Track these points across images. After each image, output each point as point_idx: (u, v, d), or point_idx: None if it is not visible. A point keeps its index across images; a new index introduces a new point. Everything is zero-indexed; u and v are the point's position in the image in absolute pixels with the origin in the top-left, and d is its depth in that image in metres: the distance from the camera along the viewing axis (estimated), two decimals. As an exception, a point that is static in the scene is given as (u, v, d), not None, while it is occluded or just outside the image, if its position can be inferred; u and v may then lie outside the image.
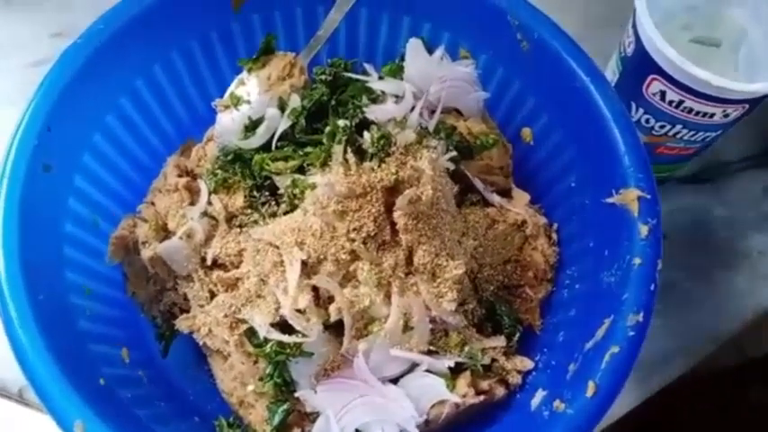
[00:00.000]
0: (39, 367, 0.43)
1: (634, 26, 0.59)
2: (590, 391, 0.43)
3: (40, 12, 0.78)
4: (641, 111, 0.62)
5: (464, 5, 0.58)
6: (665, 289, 0.65)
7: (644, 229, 0.48)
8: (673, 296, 0.66)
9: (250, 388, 0.51)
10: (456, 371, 0.49)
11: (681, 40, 0.64)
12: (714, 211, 0.70)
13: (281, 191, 0.52)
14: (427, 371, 0.49)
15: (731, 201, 0.71)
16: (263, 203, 0.53)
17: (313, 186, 0.49)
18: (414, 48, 0.56)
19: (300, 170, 0.52)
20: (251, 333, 0.49)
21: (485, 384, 0.49)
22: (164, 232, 0.54)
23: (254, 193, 0.53)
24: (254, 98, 0.54)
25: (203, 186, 0.55)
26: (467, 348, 0.49)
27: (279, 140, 0.53)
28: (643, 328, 0.45)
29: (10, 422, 0.61)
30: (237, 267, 0.52)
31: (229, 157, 0.54)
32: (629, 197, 0.49)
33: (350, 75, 0.55)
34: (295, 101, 0.53)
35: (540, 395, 0.48)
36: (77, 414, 0.42)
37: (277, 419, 0.49)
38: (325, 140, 0.51)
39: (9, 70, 0.73)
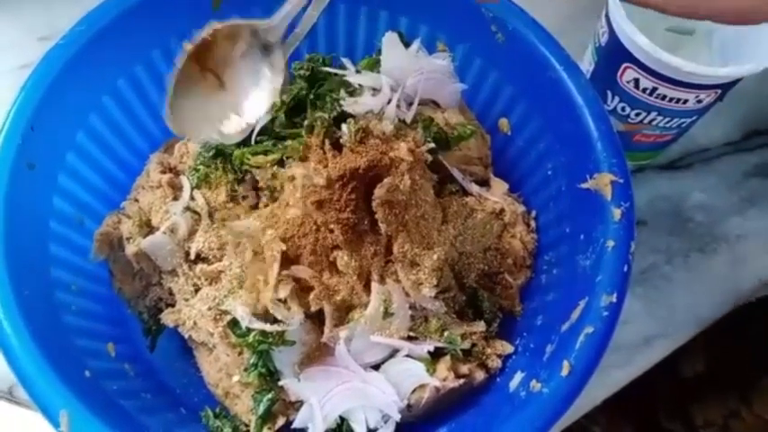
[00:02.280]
0: (24, 358, 0.44)
1: (607, 16, 0.60)
2: (565, 371, 0.44)
3: (27, 15, 0.78)
4: (617, 99, 0.63)
5: (440, -1, 0.59)
6: (645, 274, 0.67)
7: (617, 213, 0.49)
8: (653, 281, 0.67)
9: (235, 378, 0.52)
10: (436, 356, 0.50)
11: (657, 29, 0.65)
12: (693, 196, 0.71)
13: (262, 184, 0.53)
14: (408, 356, 0.49)
15: (710, 186, 0.72)
16: (245, 197, 0.54)
17: (292, 178, 0.50)
18: (390, 41, 0.57)
19: (280, 164, 0.53)
20: (234, 324, 0.50)
21: (465, 368, 0.50)
22: (147, 228, 0.55)
23: (236, 187, 0.54)
24: (233, 94, 0.55)
25: (186, 182, 0.55)
26: (446, 333, 0.50)
27: (259, 135, 0.54)
28: (617, 308, 0.46)
29: (0, 420, 0.61)
30: (220, 260, 0.53)
31: (211, 153, 0.55)
32: (603, 182, 0.50)
33: (327, 69, 0.56)
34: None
35: (518, 377, 0.48)
36: (62, 404, 0.43)
37: (262, 409, 0.50)
38: (304, 133, 0.52)
39: (-4, 73, 0.74)
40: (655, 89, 0.59)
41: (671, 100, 0.59)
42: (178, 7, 0.58)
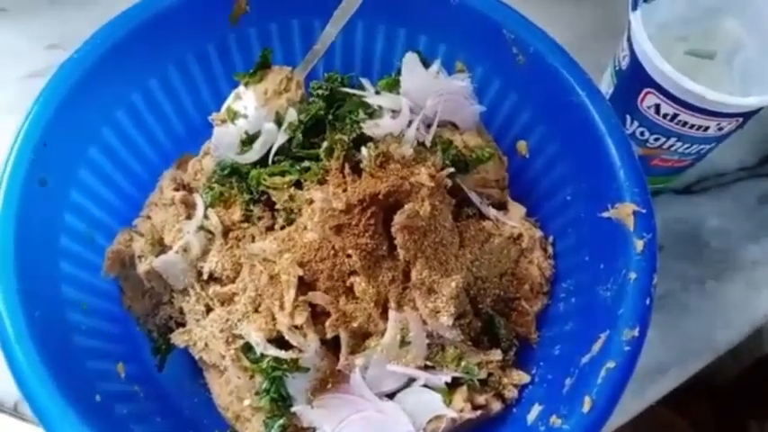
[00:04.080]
0: (35, 385, 0.43)
1: (629, 39, 0.60)
2: (586, 407, 0.44)
3: (35, 23, 0.78)
4: (636, 123, 0.62)
5: (460, 19, 0.58)
6: (661, 300, 0.67)
7: (639, 244, 0.48)
8: (668, 307, 0.66)
9: (246, 403, 0.51)
10: (452, 385, 0.49)
11: (676, 52, 0.64)
12: (709, 221, 0.71)
13: (278, 205, 0.52)
14: (424, 386, 0.49)
15: (726, 211, 0.71)
16: (260, 218, 0.53)
17: (310, 201, 0.49)
18: (410, 62, 0.56)
19: (297, 185, 0.52)
20: (247, 348, 0.49)
21: (481, 399, 0.49)
22: (160, 246, 0.54)
23: (251, 207, 0.53)
24: (250, 112, 0.54)
25: (199, 200, 0.55)
26: (463, 363, 0.49)
27: (276, 155, 0.54)
28: (639, 342, 0.46)
29: (6, 434, 0.60)
30: (233, 282, 0.52)
31: (226, 172, 0.54)
32: (625, 212, 0.50)
33: (346, 89, 0.55)
34: (292, 115, 0.54)
35: (536, 410, 0.48)
36: (73, 431, 0.42)
37: (274, 434, 0.49)
38: (322, 155, 0.51)
39: (4, 81, 0.73)
40: (676, 115, 0.58)
41: (692, 127, 0.58)
42: (193, 22, 0.57)
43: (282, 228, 0.51)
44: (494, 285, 0.55)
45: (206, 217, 0.54)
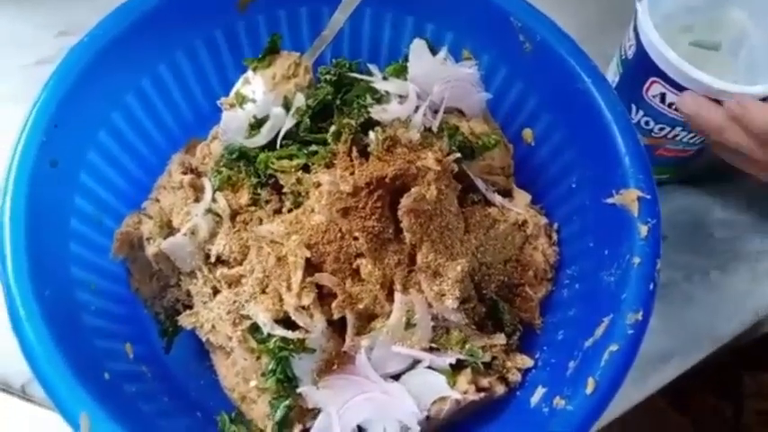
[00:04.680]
0: (45, 361, 0.43)
1: (635, 29, 0.60)
2: (590, 388, 0.44)
3: (44, 11, 0.78)
4: (641, 113, 0.62)
5: (467, 7, 0.59)
6: (664, 290, 0.67)
7: (643, 229, 0.48)
8: (671, 297, 0.67)
9: (252, 384, 0.51)
10: (457, 368, 0.50)
11: (681, 43, 0.64)
12: (713, 212, 0.71)
13: (286, 189, 0.52)
14: (428, 368, 0.49)
15: (730, 202, 0.71)
16: (267, 201, 0.53)
17: (318, 184, 0.50)
18: (417, 48, 0.56)
19: (305, 169, 0.53)
20: (254, 329, 0.50)
21: (485, 382, 0.50)
22: (168, 229, 0.55)
23: (258, 190, 0.54)
24: (259, 97, 0.55)
25: (207, 184, 0.55)
26: (467, 346, 0.50)
27: (283, 139, 0.54)
28: (642, 326, 0.46)
29: (13, 418, 0.61)
30: (241, 264, 0.52)
31: (234, 155, 0.55)
32: (630, 197, 0.50)
33: (354, 75, 0.56)
34: (300, 100, 0.54)
35: (539, 392, 0.48)
36: (82, 407, 0.42)
37: (279, 415, 0.50)
38: (330, 139, 0.52)
39: (13, 68, 0.73)
40: (681, 104, 0.58)
41: (697, 116, 0.59)
42: (202, 8, 0.58)
43: (290, 211, 0.52)
44: (498, 271, 0.56)
45: (214, 200, 0.54)
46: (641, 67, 0.60)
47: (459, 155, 0.53)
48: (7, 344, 0.45)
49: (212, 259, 0.53)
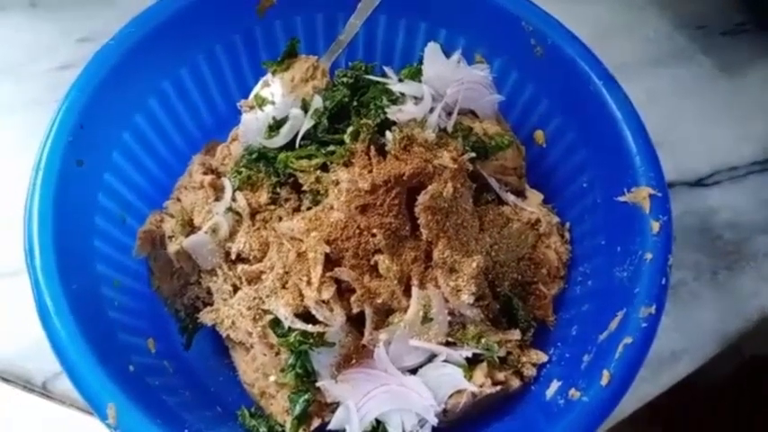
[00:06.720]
0: (73, 353, 0.45)
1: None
2: (604, 380, 0.45)
3: (65, 17, 0.80)
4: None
5: (479, 12, 0.60)
6: (674, 289, 0.68)
7: (655, 225, 0.50)
8: (680, 296, 0.68)
9: (272, 379, 0.52)
10: (473, 362, 0.50)
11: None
12: (721, 214, 0.72)
13: (305, 187, 0.54)
14: (445, 361, 0.50)
15: (738, 204, 0.73)
16: (287, 200, 0.55)
17: (336, 182, 0.51)
18: (432, 51, 0.58)
19: (323, 168, 0.54)
20: (275, 324, 0.51)
21: (501, 376, 0.51)
22: (189, 227, 0.56)
23: (278, 189, 0.55)
24: (278, 99, 0.56)
25: (227, 184, 0.56)
26: (483, 340, 0.51)
27: (302, 140, 0.55)
28: (655, 320, 0.47)
29: (34, 415, 0.62)
30: (260, 261, 0.53)
31: (254, 156, 0.56)
32: (641, 195, 0.51)
33: (371, 77, 0.57)
34: (317, 102, 0.56)
35: (554, 386, 0.49)
36: (110, 397, 0.43)
37: (298, 409, 0.51)
38: (347, 139, 0.53)
39: (36, 73, 0.75)
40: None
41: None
42: (223, 13, 0.60)
43: (309, 209, 0.53)
44: (512, 269, 0.57)
45: (234, 199, 0.56)
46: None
47: (473, 154, 0.54)
48: (28, 342, 0.46)
49: (233, 257, 0.54)
